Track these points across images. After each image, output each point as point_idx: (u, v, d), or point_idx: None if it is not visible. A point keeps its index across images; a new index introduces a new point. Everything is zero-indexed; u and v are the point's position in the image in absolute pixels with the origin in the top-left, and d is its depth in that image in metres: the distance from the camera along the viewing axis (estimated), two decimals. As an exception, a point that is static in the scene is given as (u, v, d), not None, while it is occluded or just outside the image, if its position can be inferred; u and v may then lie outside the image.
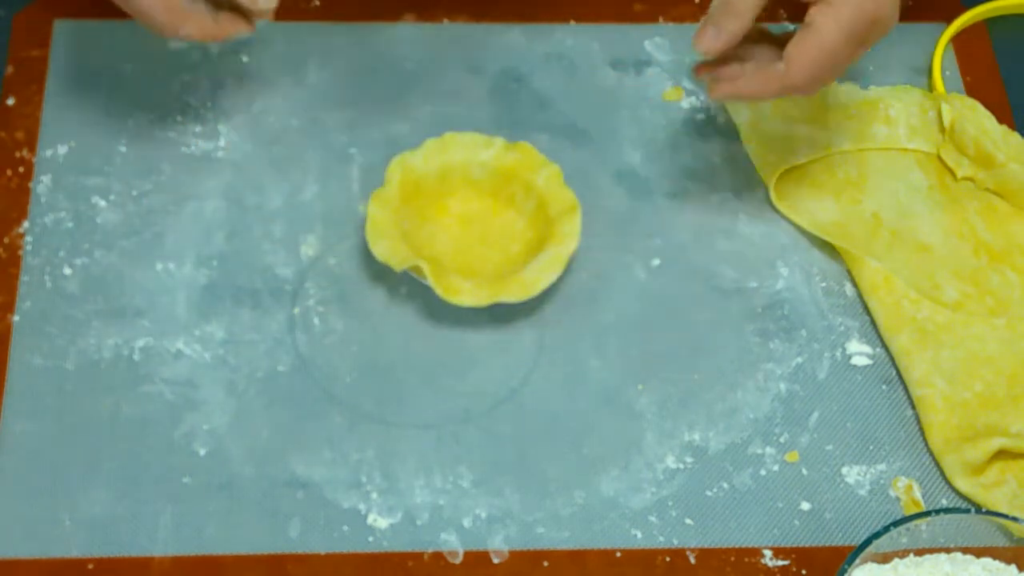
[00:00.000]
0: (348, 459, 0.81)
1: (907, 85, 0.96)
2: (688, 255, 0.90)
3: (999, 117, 0.93)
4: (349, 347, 0.85)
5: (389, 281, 0.86)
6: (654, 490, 0.81)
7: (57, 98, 0.93)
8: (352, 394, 0.83)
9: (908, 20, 1.00)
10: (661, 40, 0.98)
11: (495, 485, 0.80)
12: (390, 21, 0.98)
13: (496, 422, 0.83)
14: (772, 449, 0.83)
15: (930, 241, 0.89)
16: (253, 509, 0.79)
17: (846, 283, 0.89)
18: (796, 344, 0.86)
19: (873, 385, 0.85)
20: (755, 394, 0.84)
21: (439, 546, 0.78)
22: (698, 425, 0.83)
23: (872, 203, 0.91)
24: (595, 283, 0.88)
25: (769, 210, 0.91)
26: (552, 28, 0.99)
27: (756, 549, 0.79)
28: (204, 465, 0.80)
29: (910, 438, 0.83)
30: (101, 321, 0.85)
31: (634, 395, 0.84)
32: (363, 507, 0.79)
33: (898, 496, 0.81)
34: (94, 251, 0.87)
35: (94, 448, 0.80)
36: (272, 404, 0.83)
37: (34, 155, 0.90)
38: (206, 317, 0.85)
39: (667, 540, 0.79)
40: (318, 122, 0.93)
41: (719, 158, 0.94)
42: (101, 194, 0.89)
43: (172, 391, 0.82)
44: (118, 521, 0.78)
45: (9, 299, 0.85)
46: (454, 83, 0.96)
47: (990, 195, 0.92)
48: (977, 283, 0.88)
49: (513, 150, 0.89)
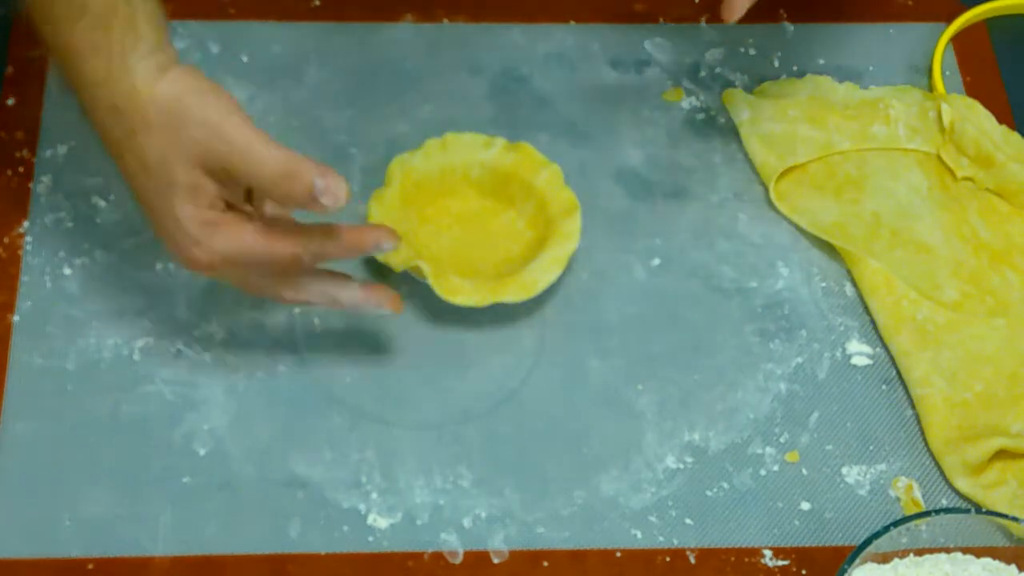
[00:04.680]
0: (348, 459, 0.81)
1: (907, 85, 0.96)
2: (688, 255, 0.89)
3: (999, 117, 0.93)
4: (349, 347, 0.85)
5: (389, 281, 0.86)
6: (654, 490, 0.81)
7: (57, 98, 0.93)
8: (352, 394, 0.83)
9: (908, 20, 1.01)
10: (661, 40, 0.98)
11: (495, 485, 0.80)
12: (390, 21, 0.98)
13: (496, 422, 0.83)
14: (772, 449, 0.83)
15: (930, 241, 0.89)
16: (253, 509, 0.79)
17: (846, 283, 0.89)
18: (796, 344, 0.86)
19: (873, 385, 0.85)
20: (755, 394, 0.84)
21: (439, 546, 0.78)
22: (698, 425, 0.83)
23: (872, 203, 0.91)
24: (595, 283, 0.88)
25: (769, 210, 0.91)
26: (552, 28, 0.99)
27: (756, 549, 0.79)
28: (204, 465, 0.80)
29: (910, 438, 0.83)
30: (101, 321, 0.84)
31: (634, 395, 0.84)
32: (363, 507, 0.79)
33: (898, 496, 0.81)
34: (94, 251, 0.87)
35: (94, 448, 0.80)
36: (272, 404, 0.83)
37: (34, 155, 0.90)
38: (206, 317, 0.85)
39: (667, 540, 0.79)
40: (318, 122, 0.93)
41: (719, 158, 0.94)
42: (101, 194, 0.89)
43: (172, 391, 0.82)
44: (118, 521, 0.78)
45: (9, 299, 0.85)
46: (454, 83, 0.96)
47: (990, 195, 0.92)
48: (977, 283, 0.88)
49: (513, 150, 0.89)
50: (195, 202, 0.73)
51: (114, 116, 0.73)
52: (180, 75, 0.73)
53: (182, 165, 0.72)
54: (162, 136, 0.72)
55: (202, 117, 0.72)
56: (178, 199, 0.73)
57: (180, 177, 0.73)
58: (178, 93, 0.73)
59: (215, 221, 0.74)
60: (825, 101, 0.94)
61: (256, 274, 0.77)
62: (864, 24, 1.00)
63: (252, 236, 0.74)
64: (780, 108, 0.94)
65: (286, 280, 0.78)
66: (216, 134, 0.72)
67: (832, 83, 0.96)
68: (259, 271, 0.77)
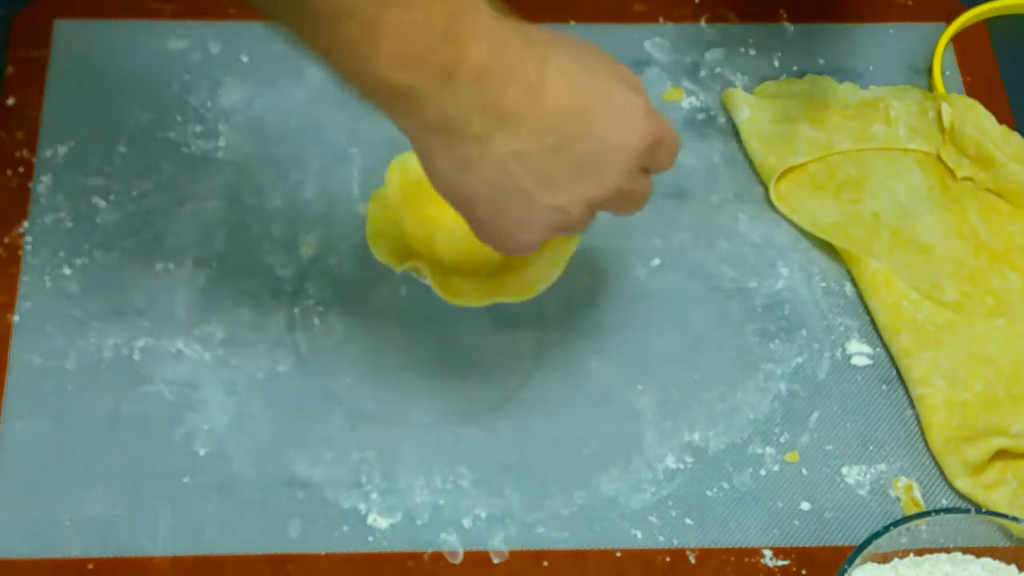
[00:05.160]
0: (348, 459, 0.81)
1: (907, 85, 0.96)
2: (688, 255, 0.89)
3: (999, 117, 0.93)
4: (349, 347, 0.85)
5: (389, 281, 0.86)
6: (654, 490, 0.81)
7: (57, 98, 0.93)
8: (352, 394, 0.83)
9: (908, 20, 1.01)
10: (661, 40, 0.98)
11: (495, 485, 0.80)
12: (390, 21, 0.98)
13: (496, 422, 0.83)
14: (772, 449, 0.83)
15: (930, 241, 0.89)
16: (253, 509, 0.79)
17: (846, 283, 0.89)
18: (796, 344, 0.86)
19: (873, 385, 0.85)
20: (755, 394, 0.84)
21: (439, 546, 0.78)
22: (698, 425, 0.83)
23: (872, 203, 0.91)
24: (595, 283, 0.88)
25: (769, 210, 0.91)
26: (552, 28, 0.98)
27: (756, 549, 0.79)
28: (204, 465, 0.80)
29: (910, 438, 0.83)
30: (101, 321, 0.84)
31: (634, 395, 0.84)
32: (363, 507, 0.79)
33: (898, 496, 0.81)
34: (94, 251, 0.87)
35: (94, 448, 0.80)
36: (272, 404, 0.83)
37: (34, 155, 0.90)
38: (206, 317, 0.85)
39: (667, 540, 0.79)
40: (318, 122, 0.93)
41: (719, 158, 0.94)
42: (101, 194, 0.89)
43: (172, 391, 0.82)
44: (118, 521, 0.78)
45: (9, 299, 0.85)
46: (454, 83, 0.96)
47: (990, 195, 0.92)
48: (977, 283, 0.88)
49: None
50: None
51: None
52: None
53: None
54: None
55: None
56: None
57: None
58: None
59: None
60: (825, 101, 0.94)
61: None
62: (864, 24, 1.00)
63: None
64: (780, 108, 0.94)
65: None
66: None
67: (832, 83, 0.96)
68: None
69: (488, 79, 0.64)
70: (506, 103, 0.65)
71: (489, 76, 0.64)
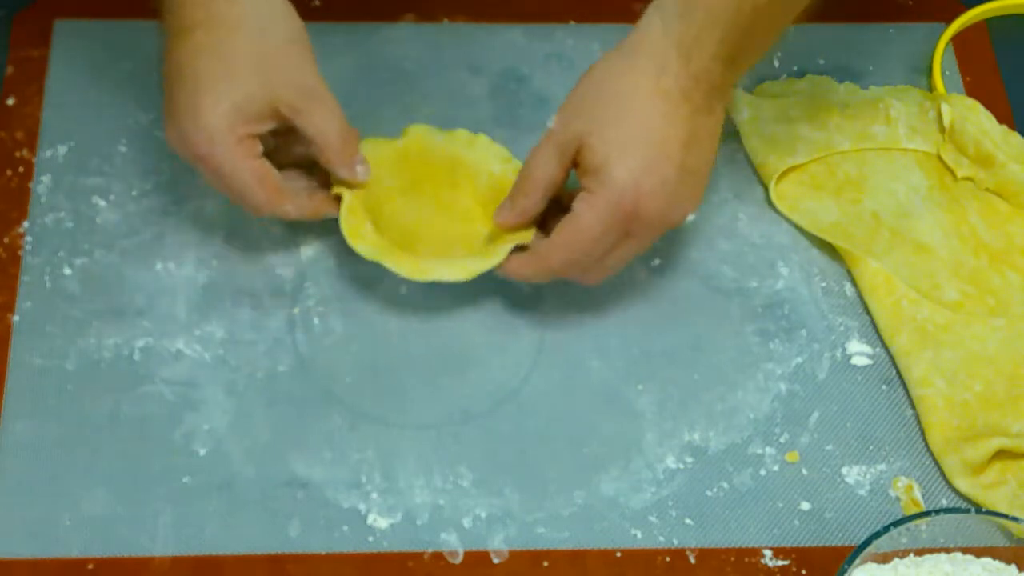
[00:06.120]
0: (348, 459, 0.81)
1: (907, 85, 0.96)
2: (688, 255, 0.90)
3: (999, 117, 0.93)
4: (349, 347, 0.85)
5: (389, 281, 0.86)
6: (654, 490, 0.81)
7: (57, 98, 0.93)
8: (352, 394, 0.83)
9: (908, 20, 1.01)
10: (661, 40, 0.98)
11: (495, 485, 0.81)
12: (390, 21, 0.98)
13: (496, 422, 0.83)
14: (772, 449, 0.83)
15: (930, 241, 0.89)
16: (253, 509, 0.79)
17: (846, 283, 0.89)
18: (796, 344, 0.86)
19: (873, 385, 0.85)
20: (755, 394, 0.84)
21: (439, 546, 0.78)
22: (698, 425, 0.83)
23: (872, 203, 0.91)
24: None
25: (769, 210, 0.91)
26: (552, 28, 0.99)
27: (756, 549, 0.79)
28: (204, 465, 0.80)
29: (910, 438, 0.83)
30: (101, 321, 0.85)
31: (634, 395, 0.84)
32: (363, 507, 0.79)
33: (898, 496, 0.81)
34: (94, 251, 0.87)
35: (94, 448, 0.80)
36: (272, 404, 0.83)
37: (34, 155, 0.90)
38: (206, 317, 0.85)
39: (667, 540, 0.79)
40: (318, 122, 0.93)
41: (719, 158, 0.93)
42: (101, 194, 0.89)
43: (172, 391, 0.82)
44: (118, 521, 0.78)
45: (9, 299, 0.85)
46: (454, 83, 0.96)
47: (990, 195, 0.92)
48: (977, 283, 0.88)
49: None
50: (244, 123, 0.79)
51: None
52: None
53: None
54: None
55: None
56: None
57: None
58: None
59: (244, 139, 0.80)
60: (825, 101, 0.94)
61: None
62: (864, 24, 1.00)
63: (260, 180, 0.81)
64: (780, 108, 0.94)
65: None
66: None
67: (832, 83, 0.96)
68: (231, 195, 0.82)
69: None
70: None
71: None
